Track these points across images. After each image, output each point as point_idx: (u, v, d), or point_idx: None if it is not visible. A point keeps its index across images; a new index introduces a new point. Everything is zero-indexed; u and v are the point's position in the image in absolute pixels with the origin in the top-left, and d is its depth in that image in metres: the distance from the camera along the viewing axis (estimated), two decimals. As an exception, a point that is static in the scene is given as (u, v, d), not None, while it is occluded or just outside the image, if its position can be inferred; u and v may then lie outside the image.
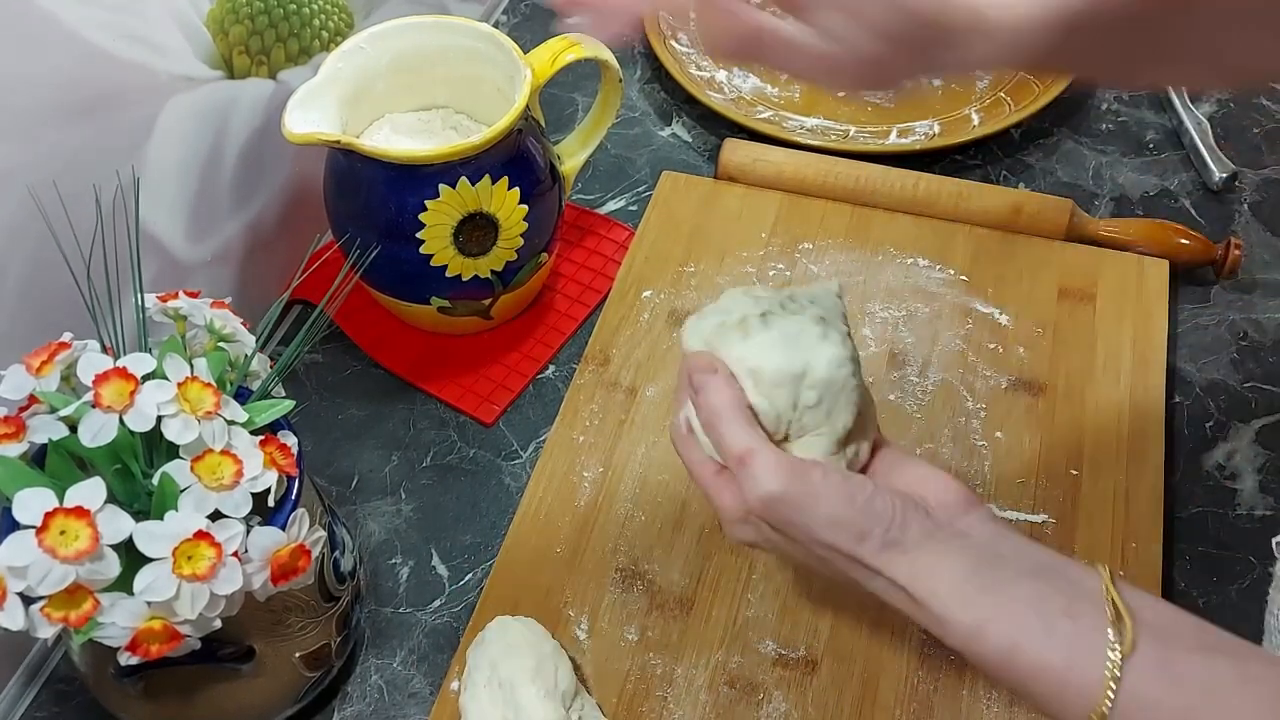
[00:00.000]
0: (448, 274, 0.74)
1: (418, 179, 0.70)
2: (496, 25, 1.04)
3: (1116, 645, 0.44)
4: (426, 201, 0.71)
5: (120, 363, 0.51)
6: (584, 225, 0.88)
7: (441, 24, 0.77)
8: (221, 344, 0.57)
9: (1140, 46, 0.51)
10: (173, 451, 0.52)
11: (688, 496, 0.71)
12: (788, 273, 0.82)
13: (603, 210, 0.90)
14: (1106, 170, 0.91)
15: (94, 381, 0.50)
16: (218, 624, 0.52)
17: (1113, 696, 0.44)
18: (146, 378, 0.51)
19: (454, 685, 0.64)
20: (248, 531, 0.51)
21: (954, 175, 0.89)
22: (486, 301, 0.77)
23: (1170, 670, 0.44)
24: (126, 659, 0.50)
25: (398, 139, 0.77)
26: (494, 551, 0.71)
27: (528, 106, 0.72)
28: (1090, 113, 0.95)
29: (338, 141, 0.69)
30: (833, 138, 0.91)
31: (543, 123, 0.78)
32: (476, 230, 0.73)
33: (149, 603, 0.49)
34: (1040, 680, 0.46)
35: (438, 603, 0.70)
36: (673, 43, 1.00)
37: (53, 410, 0.51)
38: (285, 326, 0.84)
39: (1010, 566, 0.48)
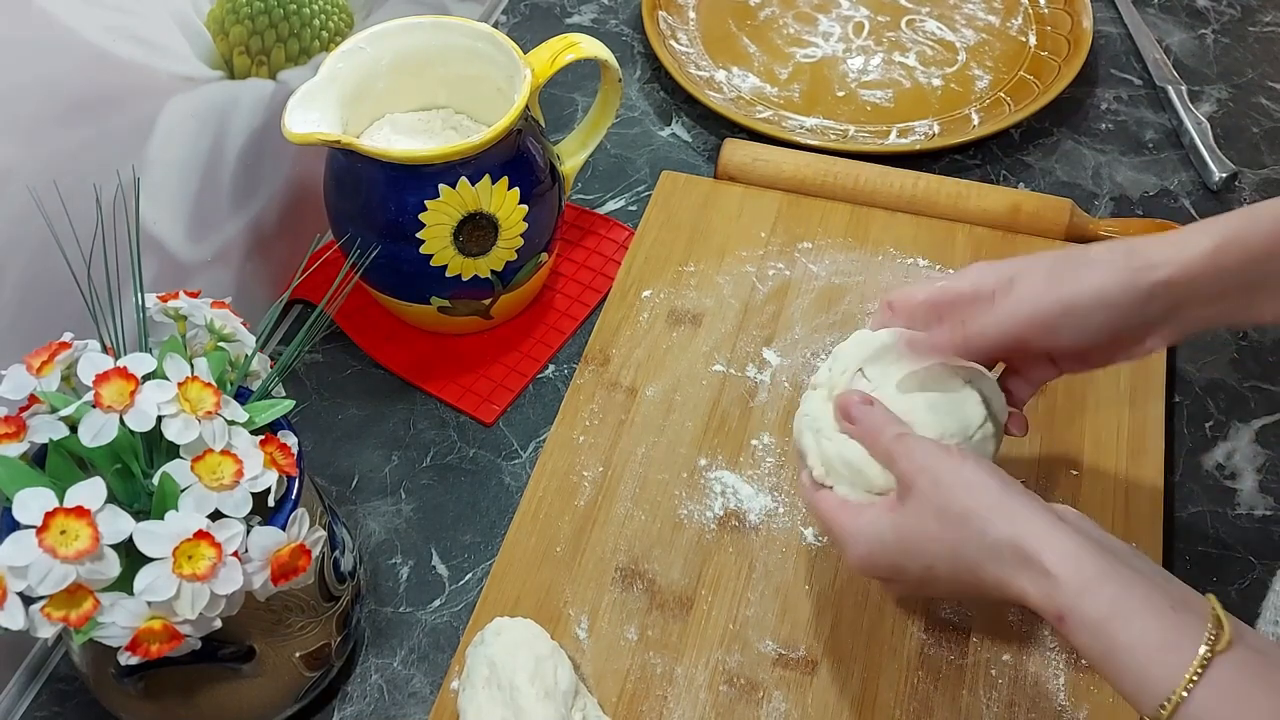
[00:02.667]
0: (448, 274, 0.74)
1: (418, 179, 0.70)
2: (496, 25, 1.04)
3: (1213, 638, 0.46)
4: (426, 201, 0.71)
5: (120, 363, 0.51)
6: (584, 225, 0.88)
7: (441, 24, 0.77)
8: (221, 344, 0.57)
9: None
10: (173, 451, 0.52)
11: (687, 496, 0.71)
12: (787, 272, 0.82)
13: (602, 210, 0.90)
14: (1106, 170, 0.91)
15: (94, 381, 0.50)
16: (218, 624, 0.52)
17: (1196, 681, 0.45)
18: (147, 378, 0.51)
19: (454, 685, 0.64)
20: (248, 531, 0.51)
21: (954, 175, 0.89)
22: (486, 301, 0.78)
23: (1261, 675, 0.45)
24: (127, 659, 0.50)
25: (398, 139, 0.77)
26: (494, 551, 0.71)
27: (527, 106, 0.72)
28: (1090, 113, 0.95)
29: (338, 141, 0.69)
30: (832, 137, 0.92)
31: (543, 123, 0.78)
32: (476, 230, 0.73)
33: (149, 603, 0.49)
34: (1131, 654, 0.47)
35: (438, 602, 0.70)
36: (672, 43, 1.00)
37: (53, 410, 0.51)
38: (285, 326, 0.84)
39: (1124, 562, 0.50)
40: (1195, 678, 0.45)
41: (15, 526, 0.48)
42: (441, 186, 0.70)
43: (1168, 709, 0.45)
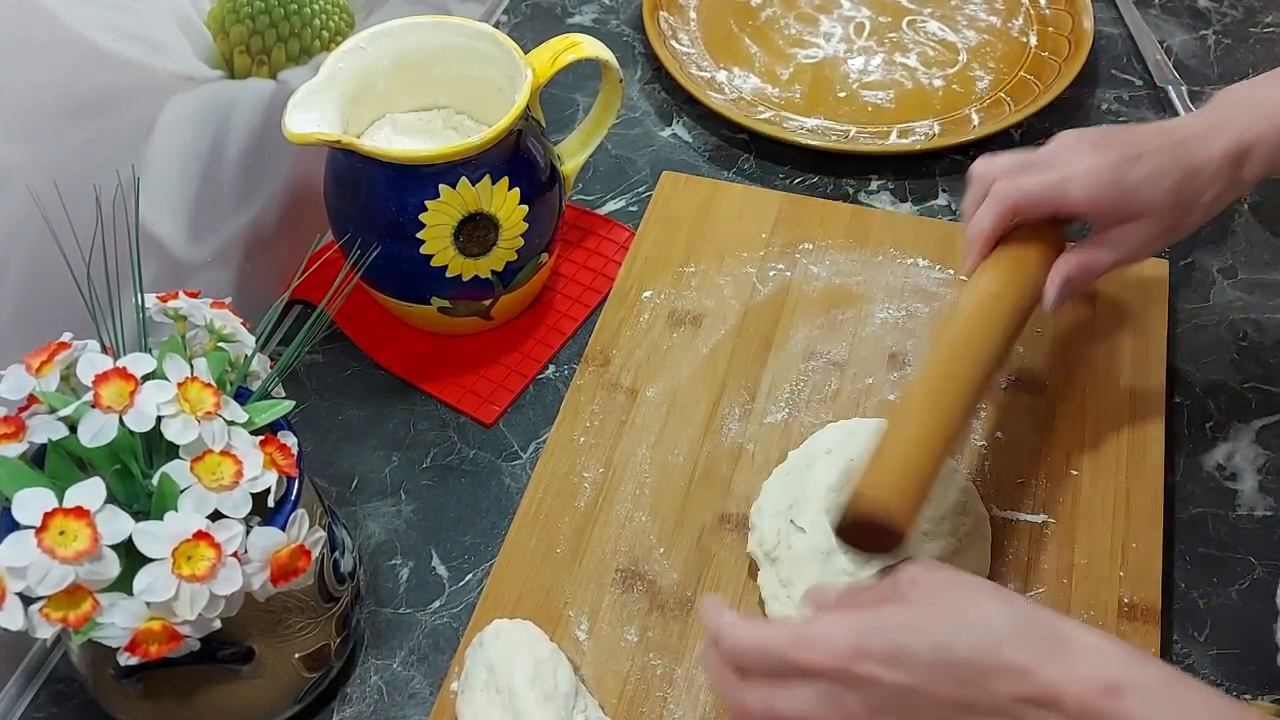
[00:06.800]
0: (448, 274, 0.74)
1: (418, 179, 0.70)
2: (497, 25, 1.04)
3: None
4: (427, 201, 0.71)
5: (120, 363, 0.51)
6: (584, 225, 0.88)
7: (442, 24, 0.77)
8: (221, 344, 0.57)
9: None
10: (173, 451, 0.52)
11: (687, 498, 0.71)
12: (788, 273, 0.82)
13: (603, 210, 0.90)
14: (1107, 171, 0.91)
15: (94, 381, 0.50)
16: (217, 624, 0.52)
17: None
18: (146, 378, 0.51)
19: (454, 686, 0.64)
20: (247, 532, 0.51)
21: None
22: (487, 302, 0.77)
23: None
24: (126, 659, 0.50)
25: (398, 139, 0.77)
26: (494, 552, 0.71)
27: (528, 106, 0.72)
28: (1091, 113, 0.95)
29: (338, 141, 0.69)
30: (833, 138, 0.91)
31: (543, 123, 0.78)
32: (477, 230, 0.73)
33: (148, 603, 0.49)
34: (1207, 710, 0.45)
35: (438, 603, 0.70)
36: (673, 43, 1.00)
37: (53, 410, 0.51)
38: (285, 326, 0.83)
39: None
40: None
41: (14, 527, 0.48)
42: (442, 186, 0.70)
43: None
